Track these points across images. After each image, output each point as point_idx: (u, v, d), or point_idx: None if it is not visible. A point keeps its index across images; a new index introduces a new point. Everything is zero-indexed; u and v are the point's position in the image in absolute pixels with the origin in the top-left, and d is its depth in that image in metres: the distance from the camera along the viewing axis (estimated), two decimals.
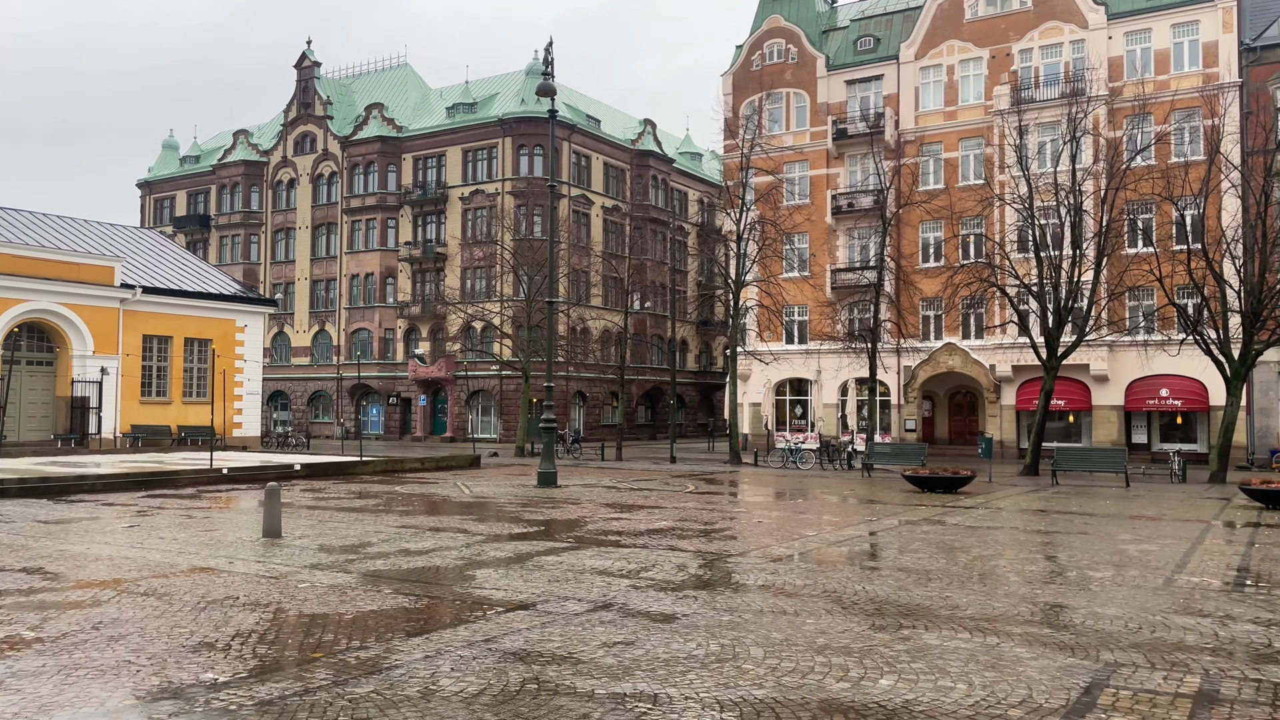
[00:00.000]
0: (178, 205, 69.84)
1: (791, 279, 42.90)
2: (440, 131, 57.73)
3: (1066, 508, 18.01)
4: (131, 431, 35.94)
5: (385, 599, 8.53)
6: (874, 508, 17.74)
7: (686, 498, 19.62)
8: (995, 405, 40.85)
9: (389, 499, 18.54)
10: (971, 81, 42.64)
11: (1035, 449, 28.11)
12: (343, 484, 22.20)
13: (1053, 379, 28.43)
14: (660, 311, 60.33)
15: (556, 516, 15.76)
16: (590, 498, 19.27)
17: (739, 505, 18.57)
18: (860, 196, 43.99)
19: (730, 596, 8.76)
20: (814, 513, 16.93)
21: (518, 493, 20.25)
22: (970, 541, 13.04)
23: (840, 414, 44.16)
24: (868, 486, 23.34)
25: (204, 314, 38.69)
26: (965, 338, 41.63)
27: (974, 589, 9.31)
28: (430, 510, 16.53)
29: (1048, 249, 28.33)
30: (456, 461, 28.70)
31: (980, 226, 40.74)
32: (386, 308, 58.51)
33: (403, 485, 21.92)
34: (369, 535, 12.93)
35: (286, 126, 64.46)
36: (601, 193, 58.41)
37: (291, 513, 15.49)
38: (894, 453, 27.15)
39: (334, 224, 61.38)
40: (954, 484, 20.74)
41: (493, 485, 22.16)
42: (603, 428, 55.84)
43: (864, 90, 45.14)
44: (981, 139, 41.85)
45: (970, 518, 16.12)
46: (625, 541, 12.60)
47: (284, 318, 63.42)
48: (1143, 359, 37.05)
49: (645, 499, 19.09)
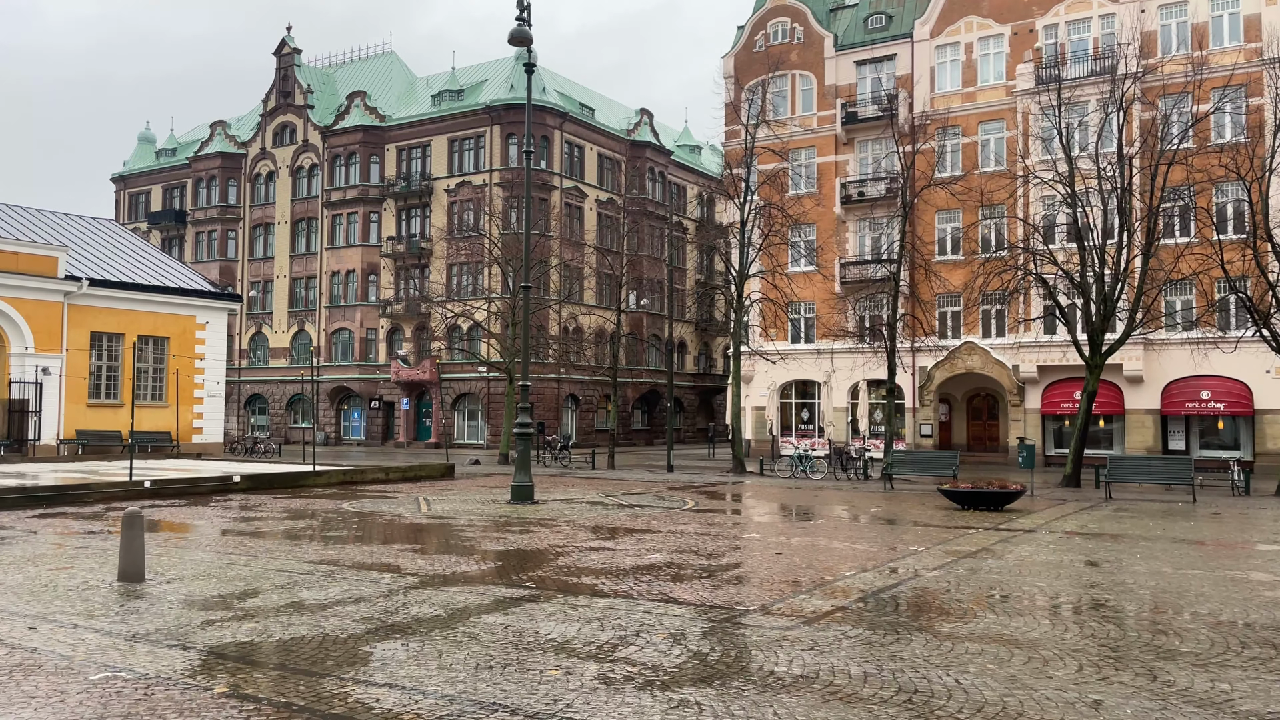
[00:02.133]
0: (153, 200, 66.70)
1: (798, 273, 39.65)
2: (425, 120, 54.61)
3: (1148, 532, 14.84)
4: (76, 437, 32.78)
5: (195, 715, 5.35)
6: (913, 532, 14.58)
7: (685, 517, 16.47)
8: (1019, 409, 37.72)
9: (326, 521, 15.38)
10: (992, 60, 39.57)
11: (1077, 457, 24.96)
12: (284, 500, 19.04)
13: (1096, 379, 25.30)
14: (657, 310, 57.17)
15: (522, 545, 12.60)
16: (570, 517, 16.12)
17: (748, 528, 15.41)
18: (871, 184, 40.90)
19: (754, 703, 5.60)
20: (841, 538, 13.79)
21: (485, 511, 17.09)
22: (1069, 585, 9.89)
23: (850, 418, 40.99)
24: (894, 501, 20.18)
25: (160, 309, 35.50)
26: (986, 336, 38.51)
27: (1140, 684, 6.14)
28: (367, 537, 13.36)
29: (1091, 234, 25.18)
30: (427, 471, 25.52)
31: (1003, 215, 37.66)
32: (368, 306, 55.34)
33: (354, 502, 18.75)
34: (264, 577, 9.76)
35: (265, 117, 61.33)
36: (596, 185, 55.28)
37: (186, 542, 12.33)
38: (919, 462, 23.94)
39: (314, 219, 58.23)
40: (1000, 500, 17.57)
41: (459, 501, 18.98)
42: (597, 433, 52.66)
43: (875, 71, 42.05)
44: (1003, 121, 38.76)
45: (1041, 546, 12.95)
46: (602, 587, 9.45)
47: (262, 317, 60.28)
48: (1181, 359, 34.03)
49: (635, 519, 15.94)
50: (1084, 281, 24.90)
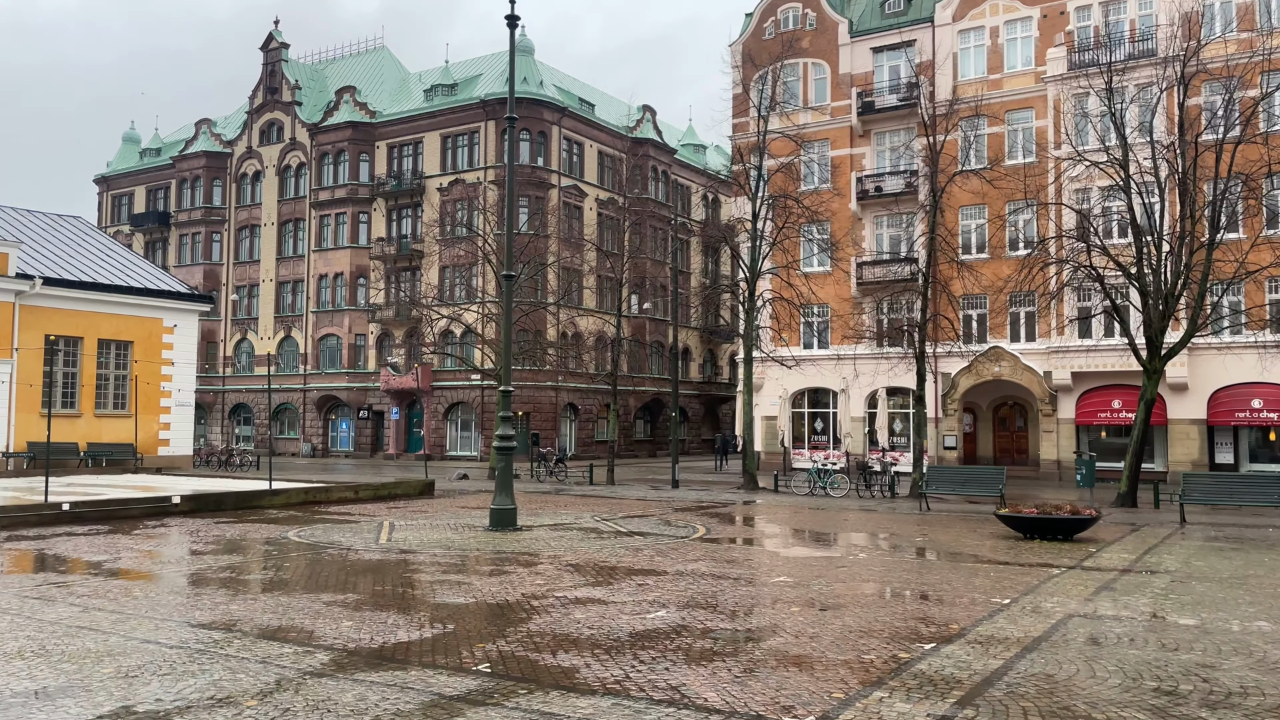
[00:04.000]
0: (136, 202, 64.05)
1: (811, 274, 36.77)
2: (417, 116, 51.97)
3: (1275, 567, 12.00)
4: (28, 449, 30.03)
5: None
6: (982, 573, 11.76)
7: (695, 550, 13.66)
8: (1051, 418, 34.88)
9: (256, 557, 12.59)
10: (1019, 45, 36.85)
11: (1134, 473, 22.11)
12: (225, 526, 16.26)
13: (1155, 385, 22.46)
14: (660, 315, 54.40)
15: (489, 595, 9.80)
16: (555, 550, 13.32)
17: (775, 566, 12.61)
18: (890, 178, 38.16)
19: None
20: (896, 580, 10.98)
21: (455, 541, 14.29)
22: (1257, 672, 7.08)
23: (867, 429, 38.17)
24: (938, 527, 17.36)
25: (124, 311, 32.78)
26: (1014, 340, 35.70)
27: None
28: (294, 582, 10.56)
29: (1152, 224, 22.37)
30: (403, 489, 22.70)
31: (1033, 210, 34.91)
32: (357, 311, 52.60)
33: (305, 528, 15.96)
34: (110, 655, 6.97)
35: (252, 114, 58.73)
36: (596, 184, 52.58)
37: (50, 591, 9.54)
38: (957, 478, 21.03)
39: (301, 220, 55.56)
40: (1072, 528, 14.73)
41: (429, 527, 16.17)
42: (597, 444, 49.85)
43: (893, 58, 39.34)
44: (1032, 110, 36.02)
45: (1159, 597, 10.11)
46: (586, 674, 6.66)
47: (247, 323, 57.57)
48: (1230, 364, 31.26)
49: (636, 554, 13.12)
50: (1141, 276, 22.10)
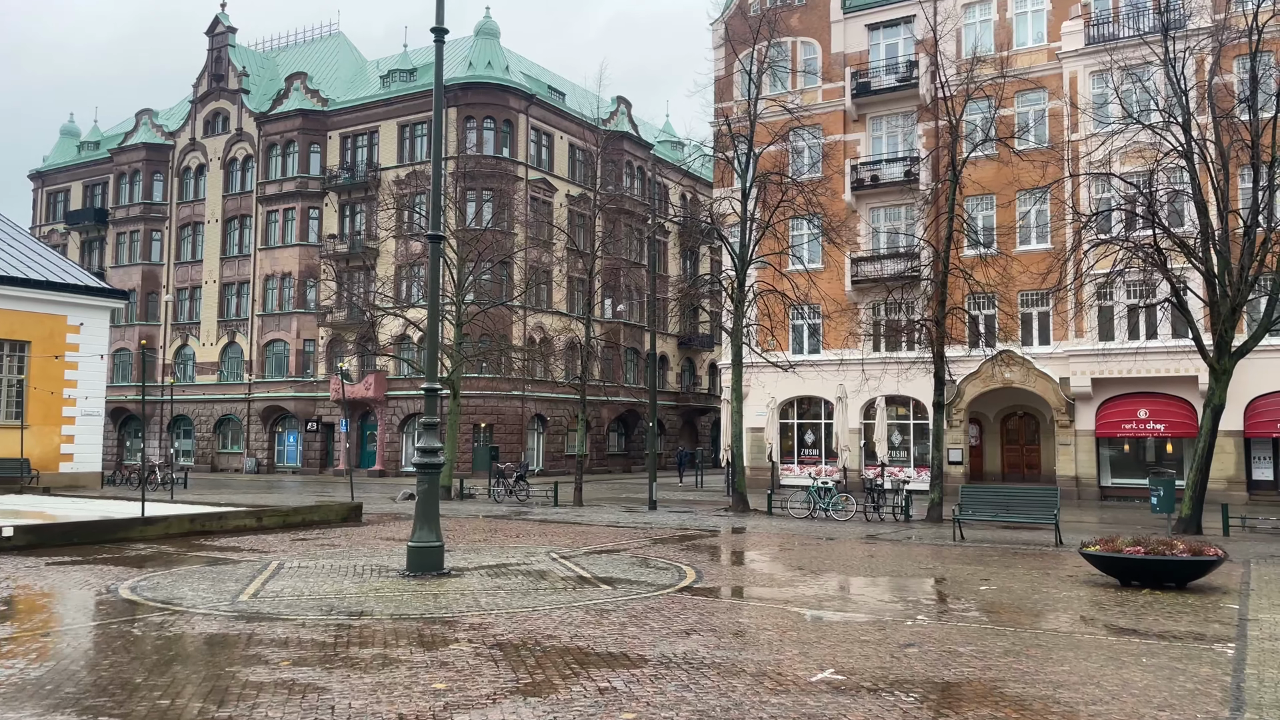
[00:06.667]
0: (73, 198, 59.50)
1: (799, 272, 33.00)
2: (373, 103, 48.03)
3: None
4: None
5: None
6: (1115, 652, 7.99)
7: (684, 614, 9.77)
8: (1068, 430, 31.41)
9: (27, 629, 8.60)
10: (1030, 20, 33.56)
11: (1199, 494, 18.55)
12: (51, 570, 12.22)
13: (1224, 391, 18.92)
14: (636, 321, 50.60)
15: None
16: (482, 614, 9.41)
17: (810, 646, 8.74)
18: (888, 166, 34.69)
19: None
20: (1005, 675, 7.20)
21: (348, 597, 10.35)
22: None
23: (863, 441, 34.53)
24: (995, 566, 13.61)
25: (19, 306, 28.56)
26: (1026, 344, 32.22)
27: None
28: (19, 692, 6.60)
29: (1220, 201, 18.87)
30: (322, 514, 18.66)
31: (1045, 202, 31.59)
32: (306, 314, 48.40)
33: (160, 571, 11.96)
34: None
35: (196, 104, 54.51)
36: (566, 178, 48.81)
37: None
38: (997, 501, 17.20)
39: (248, 216, 51.35)
40: (1189, 571, 11.02)
41: (325, 573, 12.20)
42: (566, 458, 45.89)
43: (890, 36, 35.97)
44: (1045, 90, 32.66)
45: None
46: None
47: (189, 328, 53.17)
48: (1269, 369, 27.97)
49: (599, 620, 9.24)
50: (1208, 259, 18.58)
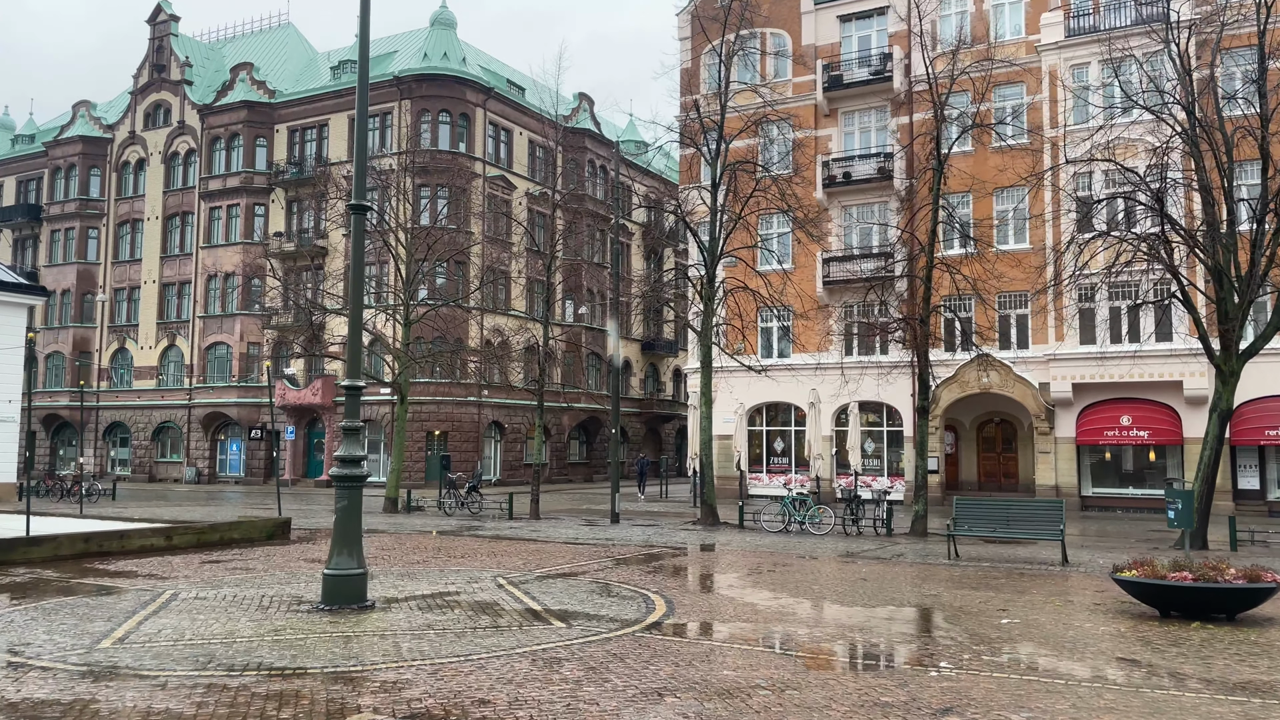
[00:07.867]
0: (6, 194, 56.44)
1: (770, 273, 31.37)
2: (322, 95, 45.82)
3: None
4: None
5: None
6: (1167, 707, 6.33)
7: (652, 667, 7.94)
8: (1047, 437, 30.16)
9: None
10: (1008, 11, 32.40)
11: (1206, 507, 17.17)
12: None
13: (1231, 395, 17.63)
14: (598, 325, 48.80)
15: None
16: (395, 673, 7.52)
17: (812, 713, 6.99)
18: (860, 163, 33.31)
19: None
20: None
21: (237, 643, 8.43)
22: None
23: (835, 449, 33.04)
24: (1007, 591, 11.99)
25: None
26: (1004, 348, 30.91)
27: None
28: None
29: (1228, 191, 17.54)
30: (243, 531, 16.60)
31: (1024, 199, 30.43)
32: (250, 316, 45.96)
33: (24, 604, 9.94)
34: None
35: (136, 95, 51.87)
36: (526, 176, 46.94)
37: None
38: (996, 515, 15.61)
39: (190, 213, 48.83)
40: (1236, 602, 9.48)
41: (224, 606, 10.24)
42: (525, 467, 43.92)
43: (863, 28, 34.66)
44: (1023, 85, 31.48)
45: None
46: None
47: (126, 330, 50.45)
48: (1258, 374, 26.87)
49: (546, 676, 7.39)
50: (1215, 253, 17.23)
